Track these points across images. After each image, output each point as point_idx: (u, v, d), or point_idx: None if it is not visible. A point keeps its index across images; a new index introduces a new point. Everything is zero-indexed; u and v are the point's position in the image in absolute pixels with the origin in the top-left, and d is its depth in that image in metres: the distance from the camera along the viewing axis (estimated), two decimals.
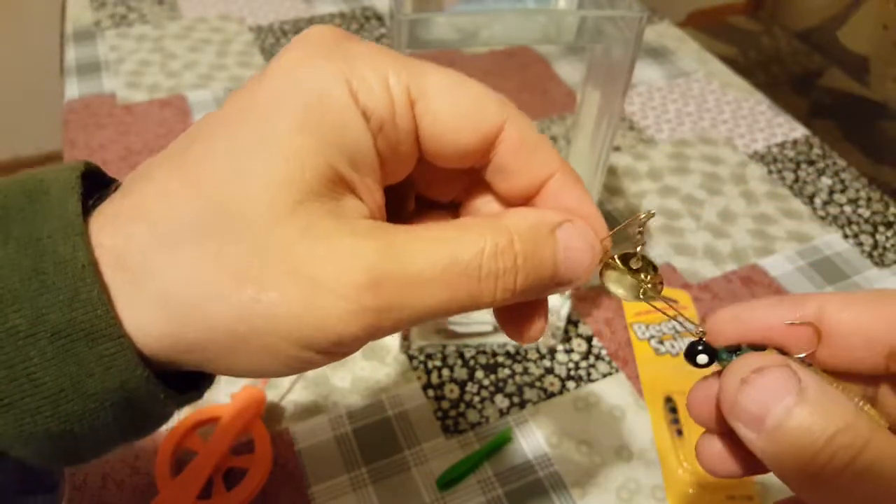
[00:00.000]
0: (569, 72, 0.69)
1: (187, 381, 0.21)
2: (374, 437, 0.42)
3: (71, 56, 0.71)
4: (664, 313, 0.21)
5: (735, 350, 0.20)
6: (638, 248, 0.22)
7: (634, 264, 0.22)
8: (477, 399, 0.44)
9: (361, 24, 0.78)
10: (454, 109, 0.19)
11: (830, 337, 0.20)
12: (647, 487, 0.40)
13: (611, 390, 0.45)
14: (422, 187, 0.23)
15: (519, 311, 0.22)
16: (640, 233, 0.22)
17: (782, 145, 0.65)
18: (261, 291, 0.17)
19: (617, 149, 0.63)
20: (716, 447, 0.22)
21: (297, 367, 0.18)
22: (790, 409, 0.18)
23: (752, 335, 0.21)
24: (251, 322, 0.17)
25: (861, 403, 0.19)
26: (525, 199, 0.21)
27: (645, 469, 0.41)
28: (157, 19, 0.77)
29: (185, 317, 0.18)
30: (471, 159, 0.20)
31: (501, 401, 0.44)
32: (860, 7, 1.15)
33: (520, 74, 0.68)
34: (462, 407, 0.43)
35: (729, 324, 0.21)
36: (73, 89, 0.67)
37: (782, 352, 0.21)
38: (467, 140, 0.20)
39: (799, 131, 0.67)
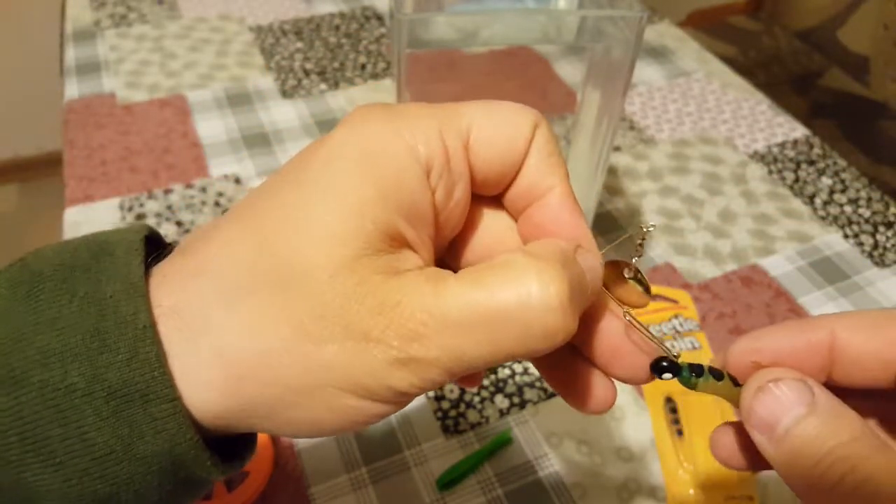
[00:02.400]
0: (569, 72, 0.69)
1: (232, 450, 0.21)
2: (374, 437, 0.41)
3: (71, 56, 0.71)
4: (644, 332, 0.22)
5: (698, 370, 0.21)
6: (633, 260, 0.22)
7: (626, 273, 0.22)
8: (477, 399, 0.44)
9: (361, 23, 0.78)
10: (499, 128, 0.20)
11: (843, 359, 0.21)
12: (647, 487, 0.40)
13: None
14: (463, 258, 0.23)
15: (573, 370, 0.22)
16: (640, 244, 0.22)
17: (782, 145, 0.65)
18: (319, 344, 0.17)
19: (617, 149, 0.63)
20: (729, 439, 0.23)
21: (358, 419, 0.19)
22: (800, 418, 0.19)
23: (766, 360, 0.21)
24: (311, 376, 0.18)
25: (874, 423, 0.20)
26: (524, 207, 0.22)
27: (645, 469, 0.41)
28: (157, 19, 0.77)
29: (244, 371, 0.18)
30: (514, 172, 0.21)
31: (501, 401, 0.44)
32: (860, 7, 1.15)
33: (520, 74, 0.68)
34: (462, 407, 0.43)
35: (745, 353, 0.22)
36: (73, 89, 0.67)
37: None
38: (515, 152, 0.20)
39: (799, 131, 0.67)
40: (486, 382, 0.45)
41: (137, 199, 0.56)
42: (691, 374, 0.21)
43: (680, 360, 0.21)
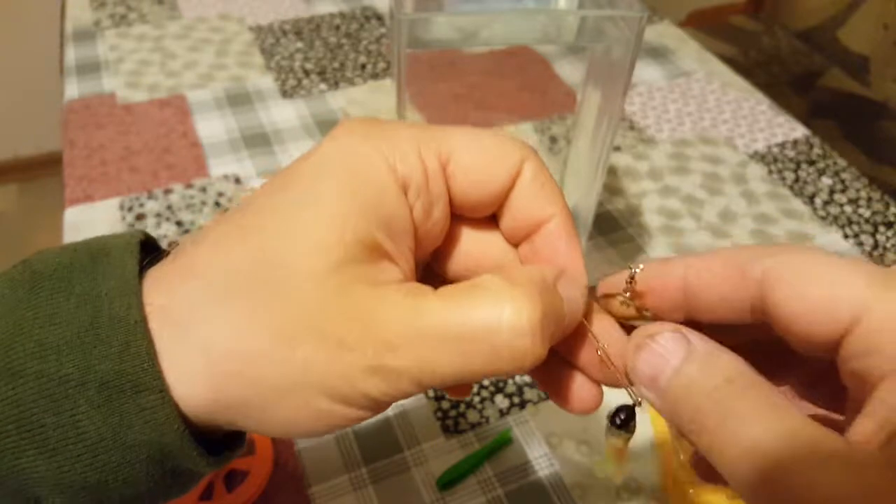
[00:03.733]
0: (569, 72, 0.69)
1: (220, 446, 0.21)
2: (374, 437, 0.41)
3: (71, 56, 0.71)
4: (613, 368, 0.22)
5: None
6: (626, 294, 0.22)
7: (620, 299, 0.23)
8: (477, 399, 0.44)
9: (361, 23, 0.78)
10: (480, 157, 0.21)
11: (696, 299, 0.21)
12: (647, 487, 0.40)
13: (611, 391, 0.45)
14: (449, 268, 0.24)
15: (559, 374, 0.23)
16: (629, 285, 0.22)
17: (782, 145, 0.65)
18: (297, 347, 0.18)
19: (617, 149, 0.63)
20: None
21: (333, 422, 0.19)
22: (678, 368, 0.19)
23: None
24: (289, 376, 0.18)
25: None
26: (523, 237, 0.22)
27: (645, 469, 0.41)
28: (157, 19, 0.77)
29: (227, 369, 0.19)
30: (497, 203, 0.22)
31: (501, 401, 0.44)
32: (860, 7, 1.15)
33: (520, 74, 0.68)
34: (462, 407, 0.43)
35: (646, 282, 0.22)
36: (73, 89, 0.67)
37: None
38: (499, 182, 0.21)
39: (799, 131, 0.67)
40: (486, 382, 0.45)
41: (137, 199, 0.56)
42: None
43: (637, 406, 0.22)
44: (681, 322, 0.21)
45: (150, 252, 0.22)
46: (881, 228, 0.57)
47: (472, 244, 0.23)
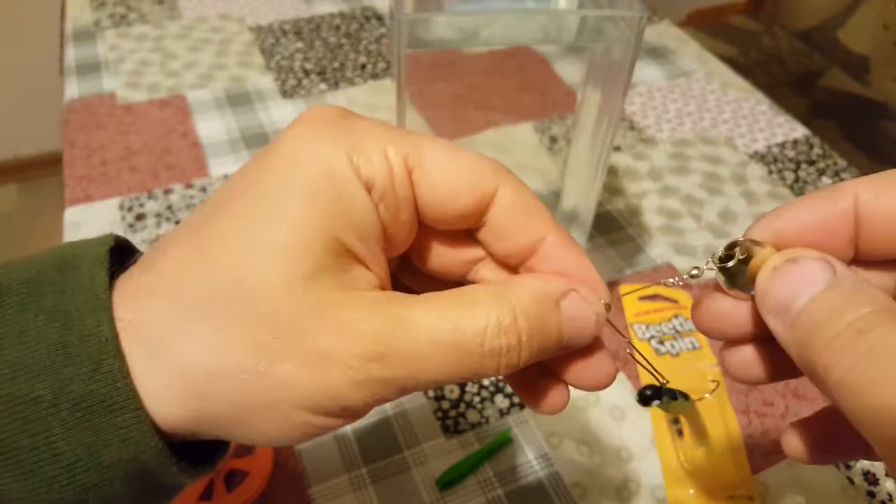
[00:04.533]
0: (569, 72, 0.69)
1: (201, 451, 0.21)
2: (374, 437, 0.41)
3: (71, 56, 0.71)
4: (644, 363, 0.22)
5: (674, 395, 0.22)
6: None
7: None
8: (477, 399, 0.44)
9: (361, 23, 0.78)
10: (449, 175, 0.20)
11: (869, 225, 0.19)
12: (647, 487, 0.40)
13: (611, 390, 0.45)
14: (426, 262, 0.23)
15: (534, 380, 0.22)
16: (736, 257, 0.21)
17: (782, 145, 0.65)
18: (275, 363, 0.18)
19: (617, 149, 0.63)
20: (741, 354, 0.22)
21: (313, 432, 0.19)
22: (818, 294, 0.17)
23: (788, 238, 0.20)
24: (268, 393, 0.18)
25: None
26: (519, 261, 0.21)
27: (645, 469, 0.41)
28: (157, 19, 0.77)
29: (203, 390, 0.18)
30: (466, 222, 0.21)
31: (501, 401, 0.44)
32: (860, 7, 1.15)
33: (520, 74, 0.68)
34: (462, 407, 0.43)
35: (765, 235, 0.20)
36: (73, 89, 0.67)
37: None
38: (462, 204, 0.20)
39: (799, 131, 0.67)
40: (486, 382, 0.45)
41: (137, 199, 0.56)
42: (670, 399, 0.22)
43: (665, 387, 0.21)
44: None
45: (123, 255, 0.21)
46: None
47: (451, 238, 0.22)
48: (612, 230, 0.56)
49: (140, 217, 0.55)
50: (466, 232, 0.22)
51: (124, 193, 0.56)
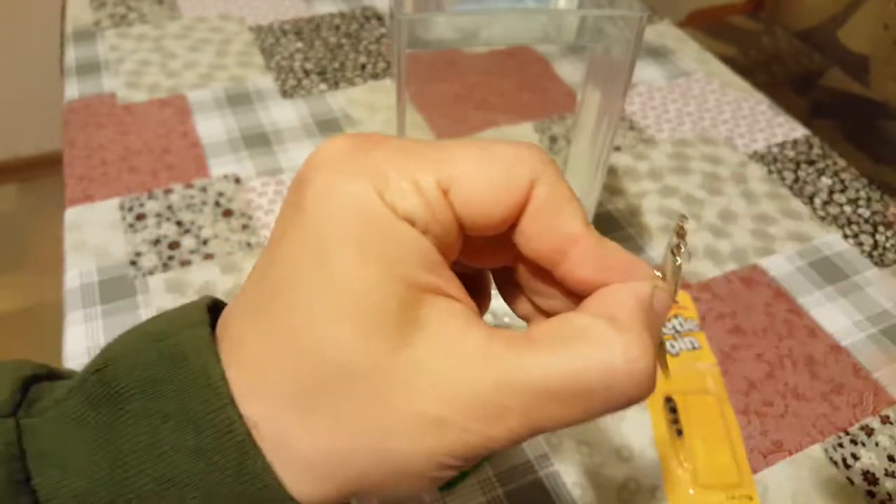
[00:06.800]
0: (569, 72, 0.69)
1: None
2: None
3: (71, 56, 0.71)
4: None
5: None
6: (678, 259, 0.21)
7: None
8: None
9: (361, 24, 0.78)
10: (485, 187, 0.19)
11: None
12: (647, 487, 0.40)
13: None
14: (469, 260, 0.22)
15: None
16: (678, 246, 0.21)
17: (782, 145, 0.65)
18: (390, 441, 0.18)
19: (617, 149, 0.63)
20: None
21: (435, 485, 0.20)
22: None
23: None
24: (395, 467, 0.18)
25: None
26: (551, 263, 0.20)
27: (645, 469, 0.41)
28: (157, 19, 0.77)
29: (335, 472, 0.18)
30: (506, 225, 0.20)
31: None
32: (860, 7, 1.15)
33: (520, 74, 0.68)
34: None
35: None
36: (73, 89, 0.67)
37: None
38: (501, 211, 0.19)
39: (799, 131, 0.67)
40: None
41: (137, 199, 0.56)
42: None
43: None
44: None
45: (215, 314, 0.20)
46: (881, 228, 0.57)
47: (488, 239, 0.21)
48: (612, 230, 0.56)
49: (140, 217, 0.55)
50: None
51: (124, 193, 0.56)
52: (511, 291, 0.23)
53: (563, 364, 0.17)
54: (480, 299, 0.23)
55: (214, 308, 0.21)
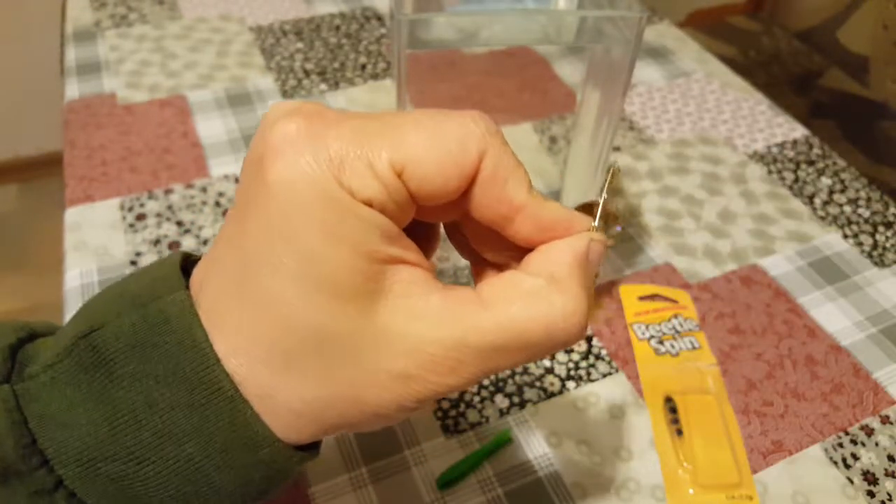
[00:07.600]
0: (569, 72, 0.69)
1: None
2: (374, 436, 0.42)
3: (71, 56, 0.71)
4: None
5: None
6: (601, 199, 0.25)
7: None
8: (477, 399, 0.44)
9: (361, 24, 0.78)
10: (437, 163, 0.20)
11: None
12: (647, 487, 0.40)
13: (611, 390, 0.45)
14: (423, 216, 0.24)
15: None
16: (605, 185, 0.25)
17: (782, 145, 0.65)
18: (364, 390, 0.20)
19: (617, 149, 0.63)
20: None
21: (403, 417, 0.22)
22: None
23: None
24: (368, 408, 0.21)
25: None
26: (499, 226, 0.22)
27: (645, 469, 0.41)
28: (158, 19, 0.77)
29: (317, 416, 0.21)
30: (456, 195, 0.21)
31: (501, 401, 0.44)
32: (860, 7, 1.15)
33: (520, 74, 0.68)
34: (462, 407, 0.43)
35: None
36: (73, 89, 0.67)
37: None
38: (452, 185, 0.21)
39: (799, 131, 0.67)
40: (486, 382, 0.45)
41: (138, 199, 0.56)
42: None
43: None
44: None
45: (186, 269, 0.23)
46: (881, 228, 0.57)
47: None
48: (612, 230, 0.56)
49: (140, 217, 0.55)
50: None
51: (124, 193, 0.56)
52: (459, 241, 0.25)
53: (512, 324, 0.20)
54: (430, 245, 0.26)
55: (185, 261, 0.23)
